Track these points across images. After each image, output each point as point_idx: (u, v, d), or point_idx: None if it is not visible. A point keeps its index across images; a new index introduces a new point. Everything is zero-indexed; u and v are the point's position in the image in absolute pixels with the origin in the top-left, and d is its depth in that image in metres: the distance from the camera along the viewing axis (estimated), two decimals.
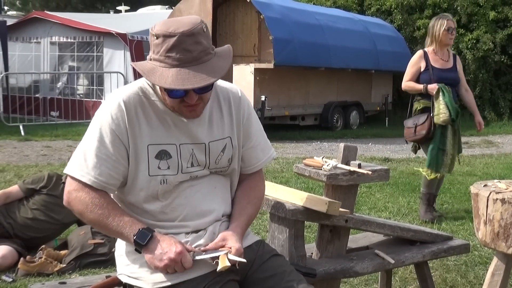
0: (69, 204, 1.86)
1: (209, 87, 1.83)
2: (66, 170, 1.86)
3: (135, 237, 1.78)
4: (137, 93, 1.88)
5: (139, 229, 1.79)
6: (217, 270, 1.76)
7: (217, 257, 1.79)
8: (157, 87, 1.87)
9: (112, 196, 1.94)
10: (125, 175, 1.85)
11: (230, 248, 1.81)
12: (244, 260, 1.81)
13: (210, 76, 1.74)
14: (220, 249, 1.82)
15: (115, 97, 1.86)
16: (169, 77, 1.72)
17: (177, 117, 1.88)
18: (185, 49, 1.73)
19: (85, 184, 1.81)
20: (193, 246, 1.86)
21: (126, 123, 1.82)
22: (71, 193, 1.84)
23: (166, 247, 1.76)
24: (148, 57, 1.82)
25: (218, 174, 1.99)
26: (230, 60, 1.83)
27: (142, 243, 1.78)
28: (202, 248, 1.84)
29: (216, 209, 1.95)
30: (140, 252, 1.81)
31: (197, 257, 1.79)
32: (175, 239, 1.82)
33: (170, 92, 1.79)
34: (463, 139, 11.82)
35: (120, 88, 1.93)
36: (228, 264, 1.76)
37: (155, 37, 1.76)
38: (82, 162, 1.82)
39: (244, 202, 2.03)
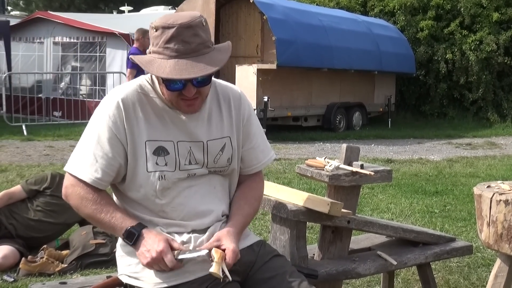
0: (66, 198, 1.90)
1: (207, 81, 1.84)
2: (65, 168, 1.89)
3: (124, 236, 1.81)
4: (135, 90, 1.89)
5: (127, 227, 1.81)
6: (209, 271, 1.74)
7: (203, 256, 1.78)
8: (156, 84, 1.89)
9: (113, 194, 1.96)
10: (120, 172, 1.87)
11: (224, 250, 1.79)
12: (229, 278, 1.76)
13: (208, 66, 1.74)
14: (202, 248, 1.81)
15: (114, 95, 1.87)
16: (167, 67, 1.73)
17: (175, 115, 1.88)
18: (184, 40, 1.74)
19: (81, 180, 1.84)
20: (194, 244, 1.85)
21: (124, 121, 1.83)
22: (68, 187, 1.88)
23: (149, 245, 1.77)
24: (147, 50, 1.83)
25: (217, 174, 1.98)
26: (228, 54, 1.84)
27: (130, 243, 1.80)
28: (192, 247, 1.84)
29: (216, 210, 1.95)
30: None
31: (180, 256, 1.78)
32: (163, 236, 1.81)
33: (168, 85, 1.80)
34: (466, 140, 11.95)
35: (119, 86, 1.94)
36: (221, 275, 1.74)
37: (155, 30, 1.78)
38: (80, 160, 1.85)
39: (241, 202, 2.02)
